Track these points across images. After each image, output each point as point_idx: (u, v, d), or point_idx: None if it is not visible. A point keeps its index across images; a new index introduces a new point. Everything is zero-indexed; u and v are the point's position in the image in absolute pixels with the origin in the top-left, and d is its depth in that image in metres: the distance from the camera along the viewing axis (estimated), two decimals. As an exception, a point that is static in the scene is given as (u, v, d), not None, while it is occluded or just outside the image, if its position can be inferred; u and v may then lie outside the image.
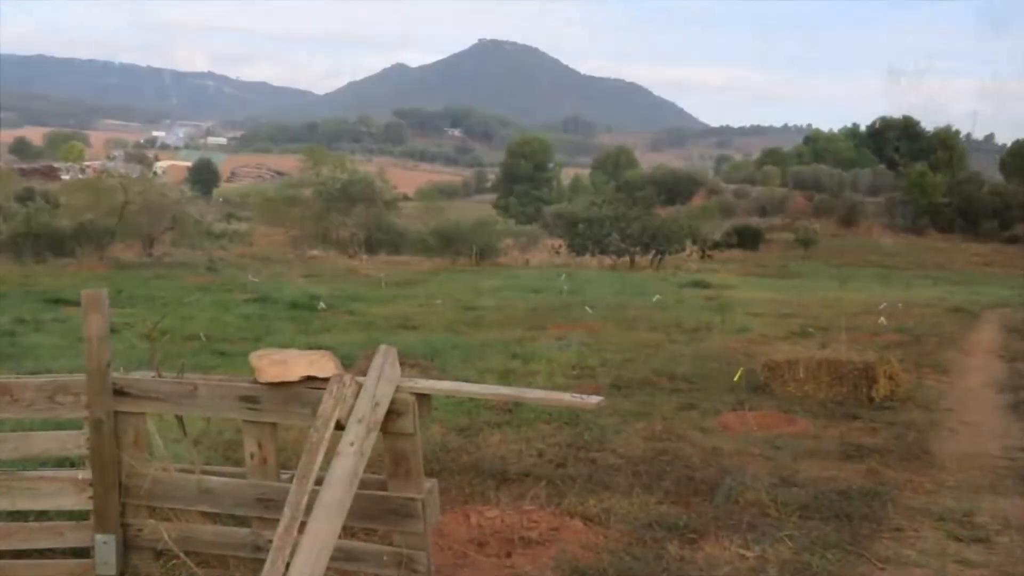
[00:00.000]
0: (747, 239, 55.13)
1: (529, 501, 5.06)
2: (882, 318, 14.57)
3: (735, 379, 8.29)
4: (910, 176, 70.20)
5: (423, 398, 3.76)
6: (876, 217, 69.60)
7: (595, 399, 3.97)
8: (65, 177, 72.31)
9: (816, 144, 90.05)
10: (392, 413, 3.62)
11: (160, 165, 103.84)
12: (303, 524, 3.34)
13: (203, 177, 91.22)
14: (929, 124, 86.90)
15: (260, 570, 3.35)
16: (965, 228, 65.39)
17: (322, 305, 15.44)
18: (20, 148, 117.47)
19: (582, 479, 5.52)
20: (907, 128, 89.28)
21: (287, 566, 3.24)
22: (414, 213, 48.23)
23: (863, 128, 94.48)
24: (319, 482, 3.44)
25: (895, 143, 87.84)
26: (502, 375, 8.95)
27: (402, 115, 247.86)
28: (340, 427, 3.55)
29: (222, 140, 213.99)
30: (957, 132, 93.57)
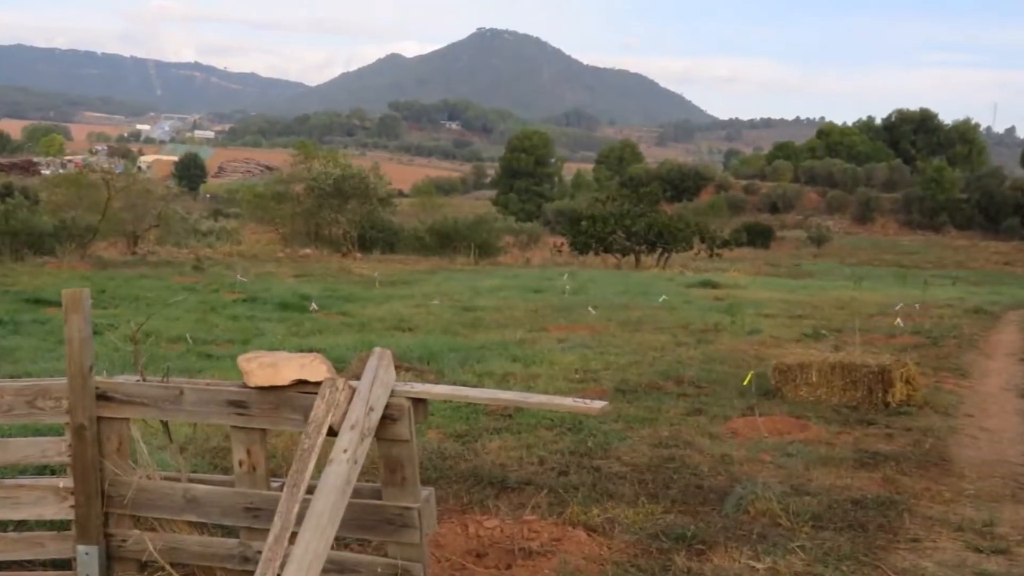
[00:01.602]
0: (757, 236, 55.19)
1: (530, 510, 4.99)
2: (898, 319, 14.44)
3: (744, 383, 8.16)
4: (927, 171, 69.89)
5: (419, 403, 3.69)
6: (892, 214, 69.47)
7: (599, 404, 3.87)
8: (45, 172, 72.56)
9: (829, 138, 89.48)
10: (387, 418, 3.55)
11: (144, 160, 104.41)
12: (294, 534, 3.25)
13: (189, 172, 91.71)
14: (947, 117, 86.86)
15: (248, 584, 3.24)
16: (985, 225, 65.05)
17: (314, 306, 15.28)
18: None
19: (585, 487, 5.43)
20: (924, 121, 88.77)
21: (277, 579, 3.13)
22: (410, 210, 48.25)
23: (878, 121, 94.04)
24: (311, 491, 3.36)
25: (911, 137, 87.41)
26: (501, 379, 8.84)
27: (397, 108, 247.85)
28: (332, 433, 3.47)
29: (209, 134, 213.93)
30: (976, 125, 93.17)
